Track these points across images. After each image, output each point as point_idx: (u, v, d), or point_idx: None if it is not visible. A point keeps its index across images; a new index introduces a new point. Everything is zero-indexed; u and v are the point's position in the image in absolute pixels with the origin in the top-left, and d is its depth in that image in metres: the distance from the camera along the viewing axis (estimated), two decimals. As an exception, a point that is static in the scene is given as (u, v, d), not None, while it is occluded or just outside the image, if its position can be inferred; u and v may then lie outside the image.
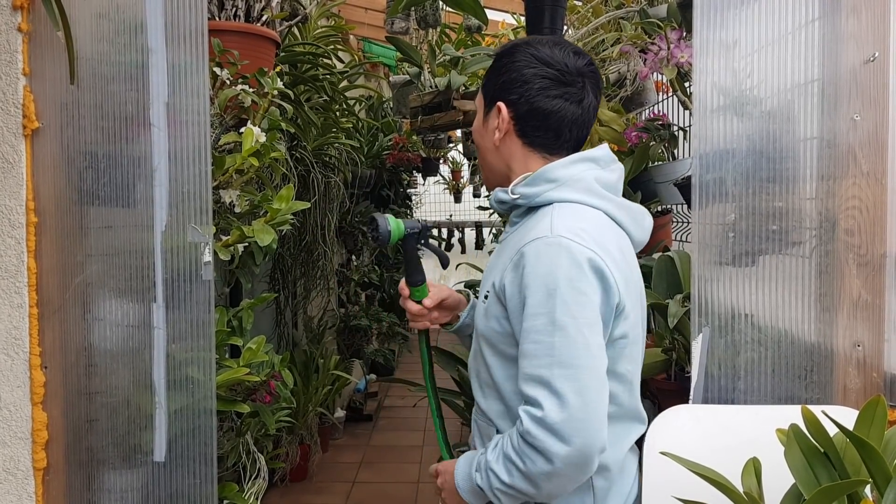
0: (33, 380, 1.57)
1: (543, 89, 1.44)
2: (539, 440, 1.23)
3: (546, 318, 1.27)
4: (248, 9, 2.24)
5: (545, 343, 1.26)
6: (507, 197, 1.46)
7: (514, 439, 1.29)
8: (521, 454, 1.26)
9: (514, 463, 1.27)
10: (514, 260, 1.34)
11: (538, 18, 2.47)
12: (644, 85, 2.84)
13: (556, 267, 1.28)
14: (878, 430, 1.07)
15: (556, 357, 1.24)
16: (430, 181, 8.53)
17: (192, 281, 1.59)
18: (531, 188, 1.43)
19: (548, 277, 1.28)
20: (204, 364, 1.60)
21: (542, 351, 1.26)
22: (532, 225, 1.39)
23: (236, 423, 2.62)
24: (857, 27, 1.51)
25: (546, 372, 1.25)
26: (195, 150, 1.58)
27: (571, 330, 1.25)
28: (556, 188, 1.41)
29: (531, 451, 1.24)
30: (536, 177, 1.44)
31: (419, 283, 1.64)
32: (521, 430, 1.25)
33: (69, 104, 1.58)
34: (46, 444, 1.58)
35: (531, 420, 1.24)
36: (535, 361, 1.27)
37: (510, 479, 1.29)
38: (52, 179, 1.58)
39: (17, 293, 1.56)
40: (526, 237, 1.35)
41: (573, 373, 1.24)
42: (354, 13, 5.43)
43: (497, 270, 1.42)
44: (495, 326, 1.40)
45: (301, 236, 4.19)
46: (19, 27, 1.52)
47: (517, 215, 1.49)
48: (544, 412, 1.23)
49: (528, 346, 1.28)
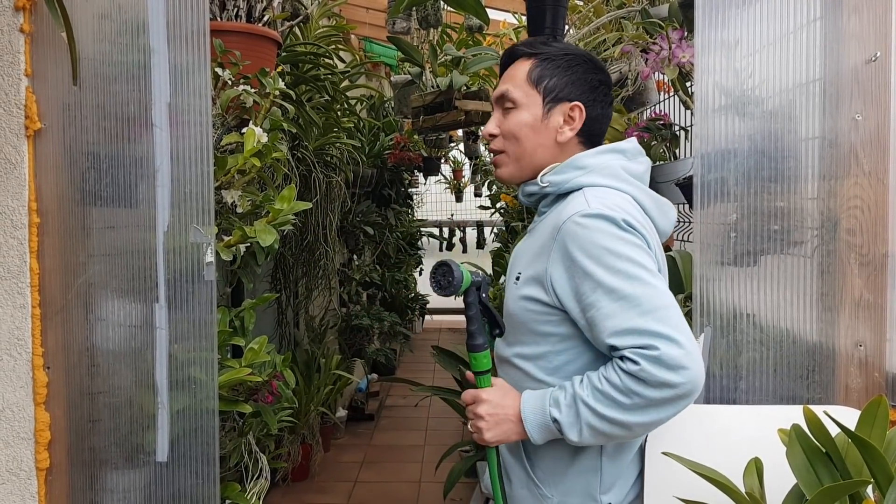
0: (36, 380, 1.57)
1: (605, 95, 1.57)
2: (657, 376, 1.26)
3: (618, 275, 1.32)
4: (249, 9, 2.24)
5: (627, 297, 1.31)
6: (536, 188, 1.53)
7: (615, 379, 1.30)
8: (628, 392, 1.28)
9: (617, 400, 1.30)
10: (556, 240, 1.40)
11: (540, 18, 2.47)
12: (645, 85, 2.84)
13: (606, 229, 1.35)
14: (880, 431, 1.08)
15: (643, 306, 1.30)
16: (432, 180, 8.54)
17: (195, 281, 1.59)
18: (560, 175, 1.51)
19: (602, 240, 1.34)
20: (206, 364, 1.60)
21: (627, 306, 1.30)
22: (562, 208, 1.46)
23: (238, 423, 2.62)
24: (858, 27, 1.51)
25: (641, 322, 1.29)
26: (197, 150, 1.58)
27: (646, 277, 1.32)
28: (585, 174, 1.49)
29: (644, 386, 1.27)
30: (566, 165, 1.52)
31: (482, 347, 1.50)
32: (634, 371, 1.27)
33: (71, 105, 1.58)
34: (49, 444, 1.59)
35: (648, 361, 1.26)
36: (623, 316, 1.30)
37: (611, 412, 1.31)
38: (55, 180, 1.58)
39: (20, 293, 1.56)
40: (561, 217, 1.42)
41: (663, 314, 1.29)
42: (355, 13, 5.44)
43: (530, 255, 1.49)
44: (529, 306, 1.45)
45: (303, 236, 4.19)
46: (21, 28, 1.53)
47: (545, 205, 1.56)
48: (660, 351, 1.26)
49: (609, 307, 1.32)
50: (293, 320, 4.60)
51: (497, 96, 1.58)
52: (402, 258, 7.09)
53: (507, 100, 1.56)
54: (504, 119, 1.57)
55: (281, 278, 4.34)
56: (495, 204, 6.50)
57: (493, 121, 1.59)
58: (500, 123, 1.57)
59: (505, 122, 1.56)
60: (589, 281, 1.34)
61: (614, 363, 1.32)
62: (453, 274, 1.45)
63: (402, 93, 4.33)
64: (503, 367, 1.57)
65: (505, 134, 1.56)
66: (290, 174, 2.90)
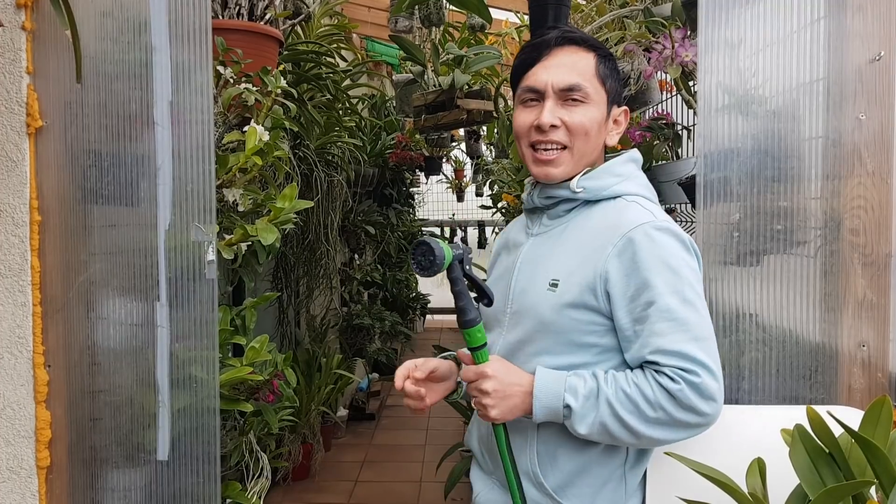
0: (37, 378, 1.57)
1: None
2: (691, 401, 1.28)
3: (678, 296, 1.32)
4: (251, 7, 2.24)
5: (680, 319, 1.31)
6: (567, 192, 1.47)
7: (647, 390, 1.30)
8: (656, 406, 1.29)
9: (642, 410, 1.30)
10: (617, 246, 1.36)
11: (542, 17, 2.47)
12: (648, 84, 2.83)
13: (675, 248, 1.35)
14: (884, 431, 1.07)
15: (693, 332, 1.30)
16: (433, 180, 8.53)
17: (196, 280, 1.59)
18: (597, 181, 1.46)
19: (670, 259, 1.33)
20: (207, 363, 1.60)
21: (679, 328, 1.30)
22: (607, 215, 1.42)
23: (239, 422, 2.62)
24: (862, 26, 1.50)
25: (688, 347, 1.29)
26: (199, 148, 1.57)
27: (699, 305, 1.33)
28: (622, 182, 1.46)
29: (675, 406, 1.28)
30: (602, 171, 1.47)
31: (476, 322, 1.41)
32: (672, 389, 1.28)
33: (73, 103, 1.58)
34: (50, 442, 1.58)
35: (688, 385, 1.28)
36: (673, 337, 1.30)
37: (631, 419, 1.30)
38: (56, 178, 1.58)
39: (21, 291, 1.56)
40: (622, 224, 1.38)
41: (708, 345, 1.32)
42: (357, 12, 5.43)
43: (567, 260, 1.42)
44: (575, 315, 1.39)
45: (304, 235, 4.19)
46: (23, 26, 1.52)
47: (565, 210, 1.49)
48: (701, 380, 1.28)
49: (661, 325, 1.31)
50: (294, 319, 4.60)
51: (565, 86, 1.43)
52: (404, 258, 7.09)
53: (578, 92, 1.43)
54: (570, 112, 1.44)
55: (282, 277, 4.34)
56: (496, 203, 6.50)
57: (550, 111, 1.43)
58: (562, 116, 1.44)
59: (573, 115, 1.44)
60: (647, 294, 1.32)
61: (650, 375, 1.31)
62: (434, 253, 1.37)
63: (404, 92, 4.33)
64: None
65: (574, 129, 1.44)
66: (291, 173, 2.90)
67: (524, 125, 1.48)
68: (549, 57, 1.46)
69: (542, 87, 1.45)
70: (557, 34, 1.47)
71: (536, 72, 1.46)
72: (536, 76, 1.46)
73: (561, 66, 1.45)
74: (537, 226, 1.54)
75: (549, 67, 1.45)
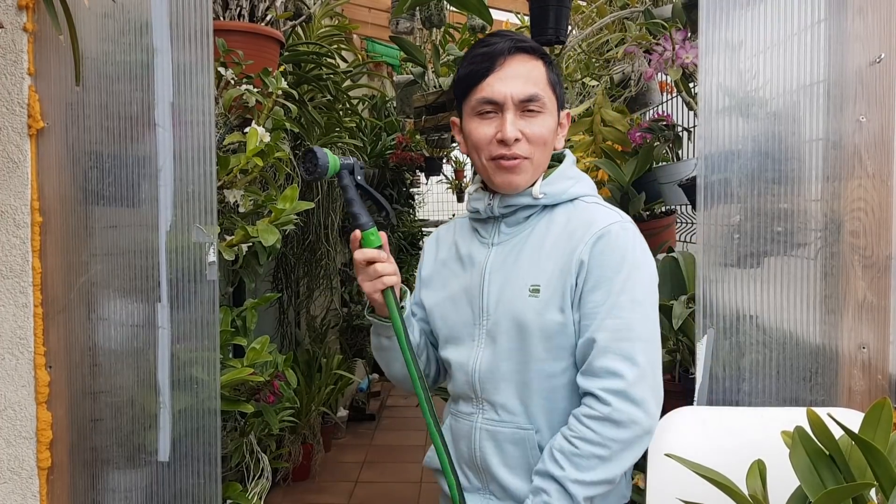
0: (38, 379, 1.57)
1: None
2: (622, 416, 1.33)
3: (627, 295, 1.37)
4: (252, 8, 2.24)
5: (625, 318, 1.36)
6: (528, 199, 1.49)
7: (580, 429, 1.34)
8: (599, 444, 1.33)
9: (601, 456, 1.33)
10: (589, 244, 1.41)
11: (543, 19, 2.47)
12: (648, 85, 2.84)
13: (634, 249, 1.41)
14: (884, 433, 1.07)
15: (637, 332, 1.36)
16: (433, 180, 8.53)
17: (197, 281, 1.59)
18: (556, 186, 1.50)
19: (627, 258, 1.39)
20: (208, 364, 1.60)
21: (623, 325, 1.36)
22: (571, 216, 1.47)
23: (240, 423, 2.62)
24: (863, 28, 1.51)
25: (628, 346, 1.35)
26: (200, 149, 1.58)
27: (648, 307, 1.39)
28: (576, 184, 1.52)
29: (615, 427, 1.33)
30: (558, 175, 1.51)
31: (369, 225, 1.45)
32: (604, 413, 1.33)
33: (74, 104, 1.58)
34: (51, 443, 1.59)
35: (620, 399, 1.33)
36: (619, 335, 1.36)
37: (592, 474, 1.33)
38: (57, 179, 1.58)
39: (22, 293, 1.56)
40: (593, 223, 1.43)
41: (649, 346, 1.37)
42: (358, 12, 5.43)
43: (541, 267, 1.44)
44: (558, 318, 1.41)
45: (304, 236, 4.20)
46: (24, 27, 1.53)
47: (524, 216, 1.50)
48: (626, 382, 1.33)
49: (610, 321, 1.36)
50: (295, 320, 4.61)
51: (525, 97, 1.43)
52: (404, 258, 7.09)
53: (537, 102, 1.44)
54: (529, 123, 1.44)
55: (283, 278, 4.35)
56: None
57: (512, 124, 1.43)
58: (522, 127, 1.44)
59: (532, 125, 1.44)
60: (613, 286, 1.38)
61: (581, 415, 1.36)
62: (318, 159, 1.41)
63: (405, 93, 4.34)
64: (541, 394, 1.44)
65: (534, 139, 1.45)
66: (292, 174, 2.90)
67: (485, 138, 1.46)
68: (503, 67, 1.44)
69: (502, 99, 1.43)
70: (509, 43, 1.45)
71: (492, 83, 1.44)
72: (493, 88, 1.44)
73: (517, 76, 1.44)
74: (495, 235, 1.53)
75: (505, 79, 1.44)
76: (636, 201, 2.70)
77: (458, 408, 1.55)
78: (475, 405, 1.50)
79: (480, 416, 1.49)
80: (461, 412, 1.53)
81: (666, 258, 2.29)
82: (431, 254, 1.66)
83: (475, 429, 1.49)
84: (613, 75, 2.85)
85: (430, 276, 1.63)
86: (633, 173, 2.68)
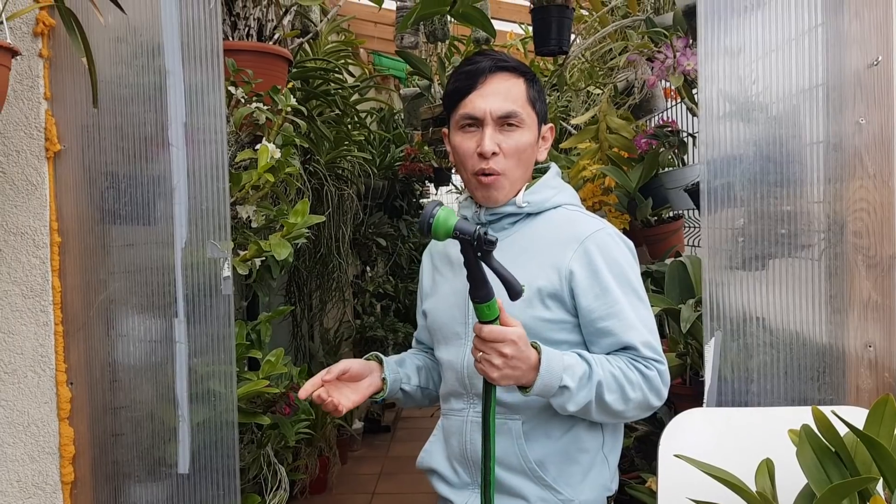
0: (60, 396, 1.60)
1: None
2: (659, 386, 1.48)
3: (634, 294, 1.51)
4: (260, 28, 2.28)
5: (642, 315, 1.51)
6: (513, 208, 1.56)
7: (632, 376, 1.46)
8: (637, 387, 1.46)
9: (626, 394, 1.45)
10: (577, 251, 1.51)
11: (545, 29, 2.51)
12: (652, 92, 2.86)
13: (625, 253, 1.54)
14: (888, 429, 1.09)
15: (648, 325, 1.51)
16: (443, 191, 8.56)
17: (212, 296, 1.62)
18: (539, 195, 1.58)
19: (622, 261, 1.52)
20: (225, 377, 1.63)
21: (640, 321, 1.49)
22: (555, 223, 1.56)
23: (257, 436, 2.65)
24: (860, 31, 1.52)
25: (651, 337, 1.50)
26: (213, 167, 1.61)
27: (647, 302, 1.55)
28: (558, 194, 1.60)
29: (650, 389, 1.47)
30: (541, 185, 1.60)
31: (486, 298, 1.34)
32: (649, 375, 1.47)
33: (90, 126, 1.62)
34: (73, 458, 1.62)
35: (658, 374, 1.48)
36: (641, 329, 1.49)
37: (616, 403, 1.45)
38: (75, 200, 1.62)
39: (43, 311, 1.60)
40: (578, 231, 1.53)
41: (657, 336, 1.52)
42: (364, 27, 5.48)
43: (528, 269, 1.50)
44: (544, 315, 1.50)
45: (316, 249, 4.23)
46: (40, 53, 1.57)
47: (509, 223, 1.58)
48: (664, 367, 1.49)
49: (629, 320, 1.49)
50: (308, 333, 4.63)
51: (503, 114, 1.50)
52: (415, 269, 7.10)
53: (515, 118, 1.51)
54: (506, 137, 1.51)
55: (295, 291, 4.37)
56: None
57: (490, 139, 1.50)
58: (500, 141, 1.51)
59: (509, 140, 1.51)
60: (612, 293, 1.48)
61: (629, 360, 1.47)
62: (423, 215, 1.28)
63: (412, 105, 4.37)
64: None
65: (509, 153, 1.51)
66: (302, 188, 2.94)
67: (469, 151, 1.54)
68: (484, 85, 1.52)
69: (481, 114, 1.51)
70: (490, 63, 1.54)
71: (473, 100, 1.52)
72: (474, 104, 1.52)
73: (497, 93, 1.52)
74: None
75: (485, 96, 1.52)
76: (643, 207, 2.72)
77: (450, 406, 1.63)
78: (466, 400, 1.58)
79: (471, 410, 1.57)
80: (453, 409, 1.61)
81: (674, 263, 2.30)
82: (427, 267, 1.77)
83: (466, 422, 1.57)
84: (617, 83, 2.87)
85: (429, 287, 1.74)
86: (639, 179, 2.70)
